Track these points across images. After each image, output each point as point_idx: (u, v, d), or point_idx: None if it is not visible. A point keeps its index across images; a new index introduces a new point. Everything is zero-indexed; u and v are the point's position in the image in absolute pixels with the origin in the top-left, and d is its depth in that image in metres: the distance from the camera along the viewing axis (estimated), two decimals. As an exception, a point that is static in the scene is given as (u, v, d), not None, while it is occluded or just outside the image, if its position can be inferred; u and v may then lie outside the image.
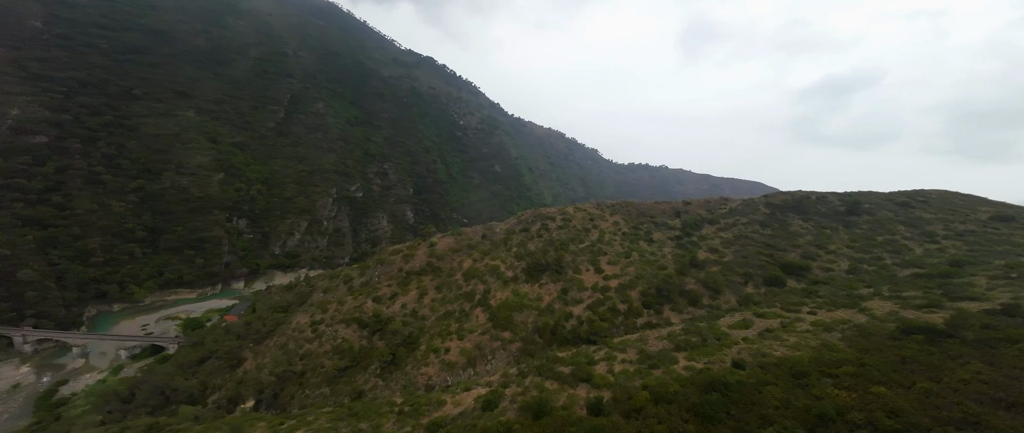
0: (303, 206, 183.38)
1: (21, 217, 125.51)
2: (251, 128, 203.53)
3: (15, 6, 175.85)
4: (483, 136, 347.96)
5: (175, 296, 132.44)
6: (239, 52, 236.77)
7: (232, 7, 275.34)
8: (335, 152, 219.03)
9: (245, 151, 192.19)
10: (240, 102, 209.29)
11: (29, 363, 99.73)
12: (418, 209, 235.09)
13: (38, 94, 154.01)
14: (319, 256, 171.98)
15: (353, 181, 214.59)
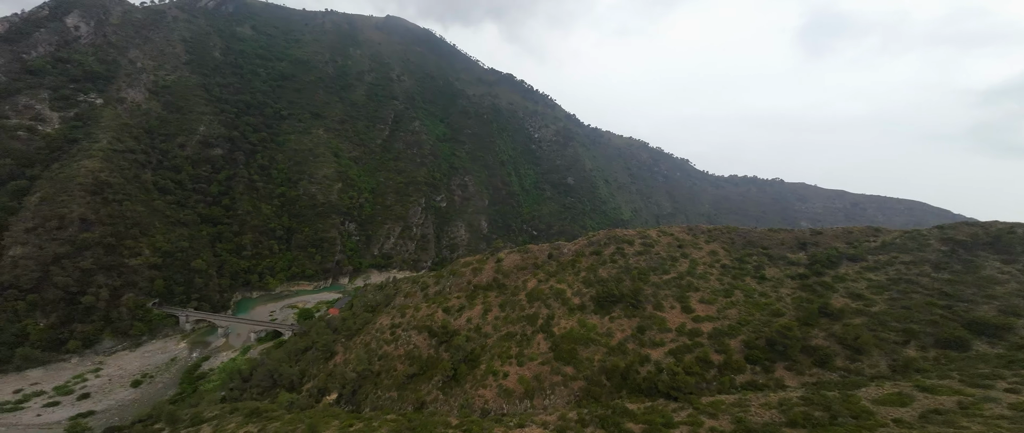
0: (398, 213, 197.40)
1: (201, 215, 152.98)
2: (364, 144, 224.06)
3: (204, 40, 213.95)
4: (557, 148, 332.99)
5: (297, 287, 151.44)
6: (357, 78, 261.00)
7: (353, 38, 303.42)
8: (426, 166, 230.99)
9: (359, 164, 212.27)
10: (357, 121, 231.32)
11: (186, 340, 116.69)
12: (492, 220, 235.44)
13: (218, 114, 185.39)
14: (408, 258, 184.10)
15: (439, 192, 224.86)
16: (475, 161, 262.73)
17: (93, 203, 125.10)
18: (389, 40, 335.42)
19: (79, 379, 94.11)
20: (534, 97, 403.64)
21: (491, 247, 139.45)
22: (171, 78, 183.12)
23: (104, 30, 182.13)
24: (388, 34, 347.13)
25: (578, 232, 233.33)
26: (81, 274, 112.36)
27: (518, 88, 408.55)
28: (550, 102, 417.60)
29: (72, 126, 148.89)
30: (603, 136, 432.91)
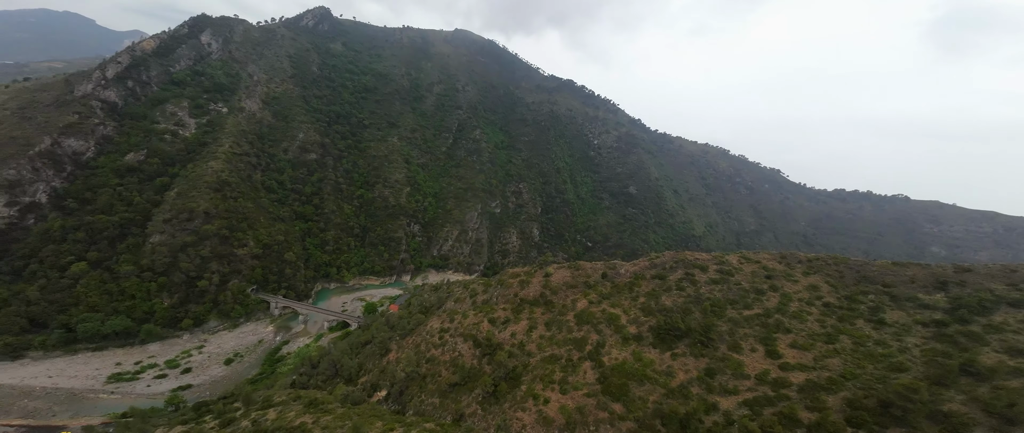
0: (457, 217, 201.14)
1: (296, 212, 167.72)
2: (431, 152, 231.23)
3: (305, 56, 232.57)
4: (619, 155, 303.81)
5: (367, 282, 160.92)
6: (428, 89, 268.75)
7: (425, 52, 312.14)
8: (484, 173, 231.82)
9: (425, 170, 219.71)
10: (426, 130, 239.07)
11: (274, 324, 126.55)
12: (544, 228, 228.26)
13: (314, 122, 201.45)
14: (462, 261, 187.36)
15: (494, 199, 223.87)
16: (530, 168, 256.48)
17: (215, 199, 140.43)
18: (456, 52, 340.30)
19: (186, 354, 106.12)
20: (595, 102, 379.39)
21: (541, 259, 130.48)
22: (279, 90, 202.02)
23: (229, 47, 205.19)
24: (455, 47, 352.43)
25: (639, 246, 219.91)
26: (201, 261, 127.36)
27: (578, 94, 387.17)
28: (612, 107, 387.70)
29: (204, 131, 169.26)
30: (673, 142, 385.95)
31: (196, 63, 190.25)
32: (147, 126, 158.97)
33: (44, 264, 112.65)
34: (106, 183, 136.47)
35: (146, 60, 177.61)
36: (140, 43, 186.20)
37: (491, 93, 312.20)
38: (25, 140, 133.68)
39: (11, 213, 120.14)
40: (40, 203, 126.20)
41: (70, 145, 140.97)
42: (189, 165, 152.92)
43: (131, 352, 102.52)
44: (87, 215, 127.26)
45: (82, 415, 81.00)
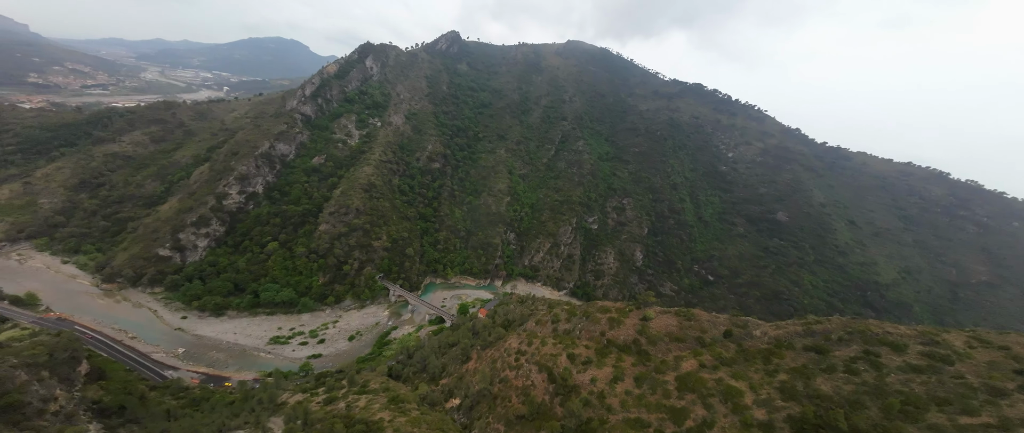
0: (550, 230, 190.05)
1: (419, 213, 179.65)
2: (532, 163, 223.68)
3: (438, 76, 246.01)
4: (764, 171, 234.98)
5: (465, 282, 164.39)
6: (535, 102, 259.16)
7: (536, 66, 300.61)
8: (583, 186, 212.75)
9: (525, 181, 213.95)
10: (530, 142, 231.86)
11: (389, 309, 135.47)
12: (650, 252, 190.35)
13: (440, 135, 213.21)
14: (552, 275, 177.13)
15: (592, 213, 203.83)
16: (638, 182, 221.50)
17: (364, 198, 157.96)
18: (566, 64, 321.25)
19: (324, 327, 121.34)
20: (730, 108, 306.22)
21: (641, 296, 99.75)
22: (417, 107, 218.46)
23: (385, 70, 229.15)
24: (565, 58, 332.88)
25: (785, 289, 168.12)
26: (348, 248, 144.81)
27: (707, 99, 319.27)
28: (756, 113, 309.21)
29: (363, 141, 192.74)
30: (851, 159, 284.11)
31: (362, 84, 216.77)
32: (327, 136, 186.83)
33: (252, 241, 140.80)
34: (297, 180, 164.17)
35: (330, 81, 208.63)
36: (327, 67, 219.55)
37: (599, 103, 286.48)
38: (253, 143, 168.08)
39: (240, 199, 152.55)
40: (257, 193, 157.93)
41: (280, 149, 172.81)
42: (351, 169, 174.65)
43: (289, 319, 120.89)
44: (283, 204, 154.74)
45: (244, 369, 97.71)
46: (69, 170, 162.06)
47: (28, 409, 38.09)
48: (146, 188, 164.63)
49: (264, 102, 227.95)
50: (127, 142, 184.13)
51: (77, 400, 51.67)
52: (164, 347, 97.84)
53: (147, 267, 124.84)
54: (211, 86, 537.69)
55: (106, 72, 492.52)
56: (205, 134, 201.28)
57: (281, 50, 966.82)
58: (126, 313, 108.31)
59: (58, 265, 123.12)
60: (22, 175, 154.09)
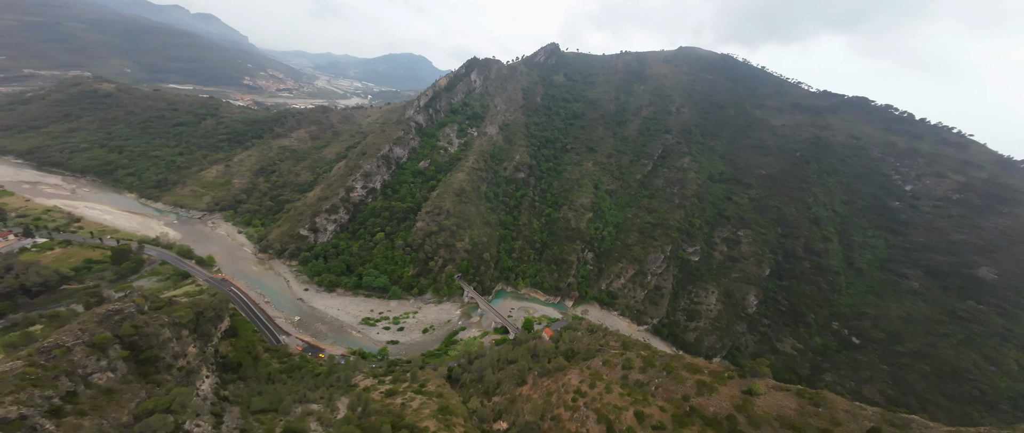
0: (636, 255, 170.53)
1: (500, 220, 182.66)
2: (623, 178, 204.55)
3: (533, 88, 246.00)
4: (963, 212, 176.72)
5: (534, 295, 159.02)
6: (634, 113, 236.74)
7: (639, 75, 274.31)
8: (685, 209, 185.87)
9: (612, 198, 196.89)
10: (623, 156, 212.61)
11: (461, 309, 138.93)
12: (770, 297, 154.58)
13: (528, 146, 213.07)
14: (632, 306, 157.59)
15: (693, 242, 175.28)
16: (762, 211, 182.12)
17: (454, 201, 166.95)
18: (675, 72, 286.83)
19: (405, 315, 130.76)
20: (912, 128, 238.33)
21: (750, 364, 72.08)
22: (511, 118, 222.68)
23: (487, 84, 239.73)
24: (675, 66, 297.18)
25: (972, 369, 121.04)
26: (436, 246, 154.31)
27: (876, 116, 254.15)
28: (955, 138, 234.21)
29: (461, 149, 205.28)
30: None
31: (466, 96, 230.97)
32: (433, 142, 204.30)
33: (365, 230, 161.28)
34: (405, 180, 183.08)
35: (440, 94, 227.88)
36: (439, 81, 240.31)
37: (715, 115, 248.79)
38: (377, 146, 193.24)
39: (362, 193, 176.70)
40: (375, 189, 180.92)
41: (396, 152, 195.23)
42: (448, 173, 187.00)
43: (380, 303, 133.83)
44: (392, 200, 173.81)
45: (337, 344, 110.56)
46: (255, 158, 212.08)
47: (160, 363, 48.11)
48: (301, 177, 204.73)
49: (390, 110, 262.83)
50: (294, 138, 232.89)
51: (206, 356, 63.68)
52: (286, 314, 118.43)
53: (290, 243, 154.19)
54: (359, 94, 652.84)
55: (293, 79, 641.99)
56: (346, 135, 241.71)
57: (411, 64, 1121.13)
58: (268, 280, 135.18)
59: (234, 234, 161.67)
60: (225, 159, 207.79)
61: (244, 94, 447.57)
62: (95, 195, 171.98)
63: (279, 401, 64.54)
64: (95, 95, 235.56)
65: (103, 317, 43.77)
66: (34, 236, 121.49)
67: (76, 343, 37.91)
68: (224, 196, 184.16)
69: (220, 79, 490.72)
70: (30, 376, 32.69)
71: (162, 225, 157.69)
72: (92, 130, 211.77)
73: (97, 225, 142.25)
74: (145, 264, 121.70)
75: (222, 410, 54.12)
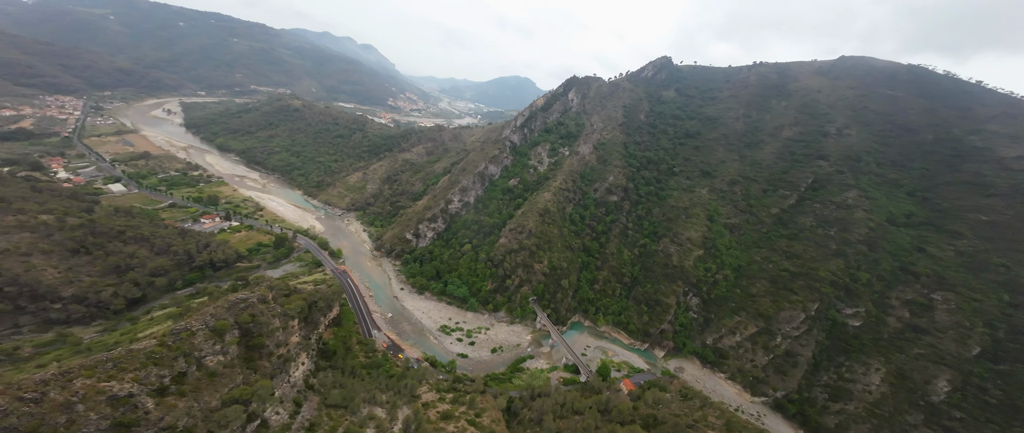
0: (762, 309, 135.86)
1: (583, 245, 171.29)
2: (751, 211, 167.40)
3: (637, 105, 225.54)
4: None
5: (615, 335, 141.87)
6: (771, 134, 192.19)
7: (780, 89, 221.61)
8: (845, 257, 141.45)
9: (733, 233, 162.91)
10: (752, 184, 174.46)
11: (532, 335, 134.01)
12: (973, 385, 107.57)
13: (625, 167, 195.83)
14: (747, 370, 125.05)
15: (856, 301, 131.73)
16: (978, 269, 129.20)
17: (537, 221, 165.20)
18: (835, 85, 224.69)
19: (478, 330, 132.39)
20: None
21: None
22: (608, 137, 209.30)
23: (584, 102, 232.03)
24: (834, 78, 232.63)
25: None
26: (514, 265, 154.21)
27: None
28: None
29: (550, 168, 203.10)
30: None
31: (561, 115, 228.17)
32: (524, 161, 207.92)
33: (456, 240, 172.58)
34: (495, 196, 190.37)
35: (536, 113, 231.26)
36: (536, 101, 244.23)
37: (899, 140, 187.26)
38: (475, 163, 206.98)
39: (459, 205, 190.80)
40: (469, 202, 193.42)
41: (490, 169, 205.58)
42: (534, 192, 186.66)
43: (458, 313, 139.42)
44: (482, 215, 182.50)
45: (415, 346, 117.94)
46: (385, 167, 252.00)
47: (263, 350, 57.65)
48: (415, 187, 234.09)
49: (491, 129, 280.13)
50: (414, 153, 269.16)
51: (309, 343, 74.51)
52: (382, 309, 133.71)
53: (397, 245, 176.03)
54: (471, 114, 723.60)
55: (422, 100, 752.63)
56: (454, 152, 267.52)
57: (517, 86, 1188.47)
58: (376, 275, 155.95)
59: (360, 231, 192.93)
60: (364, 167, 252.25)
61: (386, 112, 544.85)
62: (277, 190, 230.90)
63: (351, 399, 70.73)
64: (288, 109, 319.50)
65: (232, 304, 55.99)
66: (231, 220, 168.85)
67: (200, 328, 49.10)
68: (359, 198, 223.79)
69: (372, 100, 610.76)
70: (155, 355, 43.29)
71: (313, 219, 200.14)
72: (283, 137, 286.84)
73: (272, 214, 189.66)
74: (295, 251, 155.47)
75: (304, 399, 61.51)
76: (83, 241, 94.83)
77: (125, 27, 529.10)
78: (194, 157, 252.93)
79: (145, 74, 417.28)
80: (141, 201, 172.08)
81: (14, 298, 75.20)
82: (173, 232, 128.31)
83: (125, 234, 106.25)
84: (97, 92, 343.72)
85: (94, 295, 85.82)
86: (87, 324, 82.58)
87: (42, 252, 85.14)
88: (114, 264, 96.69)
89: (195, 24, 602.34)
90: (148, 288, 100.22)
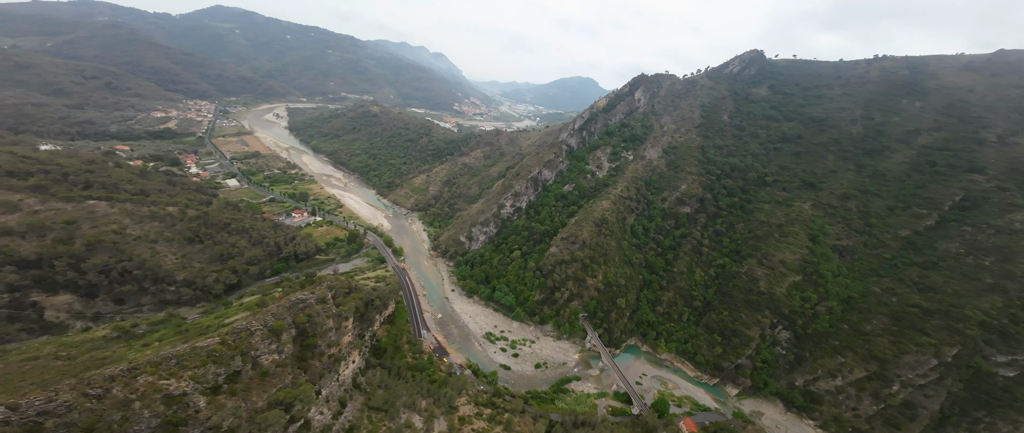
0: (877, 351, 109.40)
1: (646, 261, 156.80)
2: (870, 232, 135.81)
3: (718, 104, 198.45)
4: None
5: (679, 365, 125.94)
6: (901, 140, 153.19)
7: (914, 87, 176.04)
8: (1004, 293, 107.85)
9: (844, 258, 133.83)
10: (873, 199, 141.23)
11: (580, 354, 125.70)
12: None
13: (701, 174, 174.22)
14: (844, 419, 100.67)
15: (1015, 348, 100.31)
16: None
17: (593, 232, 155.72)
18: (993, 83, 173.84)
19: (523, 342, 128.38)
20: None
21: None
22: (681, 140, 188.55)
23: (653, 102, 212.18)
24: (992, 75, 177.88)
25: None
26: (565, 277, 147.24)
27: None
28: None
29: (610, 174, 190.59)
30: None
31: (626, 116, 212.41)
32: (581, 166, 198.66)
33: (506, 245, 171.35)
34: (548, 203, 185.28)
35: (597, 115, 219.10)
36: (597, 102, 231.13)
37: None
38: (529, 168, 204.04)
39: (511, 210, 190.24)
40: (521, 208, 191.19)
41: (544, 174, 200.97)
42: (591, 200, 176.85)
43: (504, 322, 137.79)
44: (533, 221, 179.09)
45: (460, 351, 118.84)
46: (445, 171, 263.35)
47: (315, 350, 61.79)
48: (471, 190, 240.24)
49: (548, 133, 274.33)
50: (472, 157, 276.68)
51: (362, 341, 78.79)
52: (433, 309, 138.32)
53: (452, 246, 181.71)
54: (530, 116, 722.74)
55: (485, 104, 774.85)
56: (509, 156, 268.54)
57: (578, 87, 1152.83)
58: (431, 275, 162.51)
59: (421, 231, 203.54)
60: (427, 170, 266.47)
61: (451, 117, 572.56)
62: (356, 188, 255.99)
63: (392, 403, 72.77)
64: (369, 115, 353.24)
65: (292, 304, 61.52)
66: (316, 215, 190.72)
67: (259, 328, 54.36)
68: (421, 199, 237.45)
69: (441, 105, 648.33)
70: (215, 354, 48.34)
71: (383, 217, 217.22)
72: (363, 141, 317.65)
73: (349, 211, 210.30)
74: (364, 247, 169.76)
75: (349, 399, 64.65)
76: (197, 231, 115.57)
77: (247, 40, 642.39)
78: (293, 157, 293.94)
79: (261, 82, 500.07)
80: (248, 195, 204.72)
81: (140, 280, 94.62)
82: (268, 225, 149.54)
83: (230, 226, 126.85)
84: (225, 97, 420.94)
85: (201, 280, 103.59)
86: (193, 305, 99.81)
87: (166, 240, 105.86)
88: (219, 253, 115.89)
89: (299, 37, 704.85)
90: (243, 275, 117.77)
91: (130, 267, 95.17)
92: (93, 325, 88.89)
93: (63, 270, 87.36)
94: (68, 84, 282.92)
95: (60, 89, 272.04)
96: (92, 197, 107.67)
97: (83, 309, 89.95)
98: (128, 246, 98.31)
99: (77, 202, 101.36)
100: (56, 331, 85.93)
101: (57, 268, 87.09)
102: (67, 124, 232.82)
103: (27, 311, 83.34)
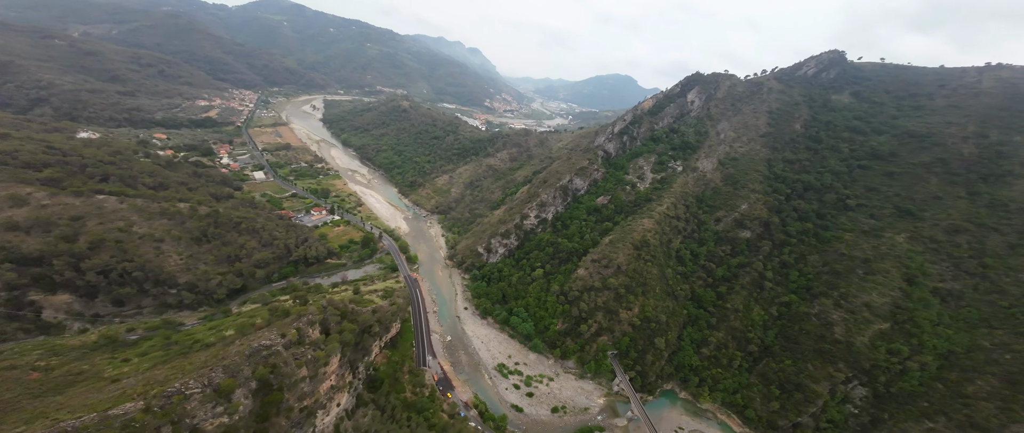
0: (979, 418, 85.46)
1: (692, 292, 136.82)
2: (985, 274, 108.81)
3: (790, 111, 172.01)
4: None
5: (722, 418, 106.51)
6: None
7: None
8: None
9: (948, 305, 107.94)
10: (991, 235, 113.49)
11: (605, 398, 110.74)
12: None
13: (767, 193, 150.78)
14: None
15: None
16: None
17: (631, 256, 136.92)
18: None
19: (540, 378, 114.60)
20: None
21: None
22: (742, 150, 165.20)
23: (709, 104, 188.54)
24: None
25: None
26: (593, 307, 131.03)
27: None
28: None
29: (655, 187, 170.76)
30: None
31: (676, 120, 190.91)
32: (619, 175, 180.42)
33: (528, 262, 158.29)
34: (577, 216, 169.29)
35: (641, 118, 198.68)
36: (643, 103, 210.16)
37: None
38: (558, 175, 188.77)
39: (534, 222, 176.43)
40: (547, 220, 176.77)
41: (576, 183, 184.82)
42: (630, 216, 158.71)
43: (519, 352, 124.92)
44: (559, 236, 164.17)
45: (467, 384, 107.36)
46: (469, 172, 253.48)
47: (281, 406, 52.19)
48: (494, 195, 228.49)
49: (582, 135, 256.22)
50: (498, 158, 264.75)
51: (353, 375, 68.89)
52: (443, 330, 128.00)
53: (468, 257, 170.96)
54: (563, 115, 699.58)
55: (516, 101, 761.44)
56: (537, 159, 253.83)
57: (616, 85, 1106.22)
58: (445, 288, 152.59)
59: (439, 236, 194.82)
60: (451, 170, 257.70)
61: (481, 113, 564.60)
62: (379, 185, 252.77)
63: (377, 460, 61.83)
64: (398, 110, 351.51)
65: (252, 352, 52.34)
66: (334, 213, 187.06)
67: (194, 391, 45.09)
68: (443, 201, 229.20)
69: (472, 101, 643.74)
70: (136, 424, 38.96)
71: (402, 218, 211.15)
72: (391, 136, 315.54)
73: (368, 211, 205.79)
74: (378, 252, 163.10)
75: (324, 456, 54.35)
76: (206, 230, 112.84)
77: (295, 32, 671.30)
78: (323, 150, 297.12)
79: (304, 74, 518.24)
80: (272, 189, 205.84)
81: (141, 282, 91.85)
82: (281, 225, 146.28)
83: (241, 226, 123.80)
84: (269, 88, 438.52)
85: (203, 283, 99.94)
86: (195, 309, 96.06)
87: (173, 238, 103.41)
88: (227, 254, 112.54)
89: (341, 30, 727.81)
90: (249, 279, 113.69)
91: (130, 268, 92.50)
92: (90, 327, 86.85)
93: (62, 269, 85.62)
94: (125, 71, 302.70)
95: (117, 75, 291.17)
96: (104, 191, 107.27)
97: (82, 310, 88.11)
98: (132, 245, 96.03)
99: (86, 197, 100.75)
100: (54, 331, 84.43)
101: (57, 267, 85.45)
102: (117, 110, 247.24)
103: (25, 310, 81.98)
